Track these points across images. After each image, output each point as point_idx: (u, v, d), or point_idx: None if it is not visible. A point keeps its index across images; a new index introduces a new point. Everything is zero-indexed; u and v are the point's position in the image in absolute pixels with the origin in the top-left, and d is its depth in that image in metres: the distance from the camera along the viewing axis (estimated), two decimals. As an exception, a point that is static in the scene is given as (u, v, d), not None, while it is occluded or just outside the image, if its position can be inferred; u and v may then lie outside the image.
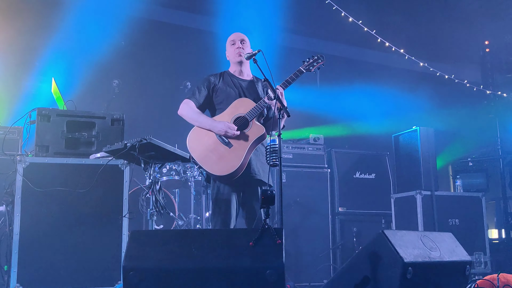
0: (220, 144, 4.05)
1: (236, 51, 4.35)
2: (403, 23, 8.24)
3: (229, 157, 4.01)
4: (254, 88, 4.36)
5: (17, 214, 4.06)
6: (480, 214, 6.52)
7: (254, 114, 4.12)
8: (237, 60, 4.37)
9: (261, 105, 4.13)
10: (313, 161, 6.94)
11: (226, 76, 4.38)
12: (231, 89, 4.28)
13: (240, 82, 4.35)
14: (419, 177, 6.44)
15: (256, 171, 4.12)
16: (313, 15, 8.31)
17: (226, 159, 4.00)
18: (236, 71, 4.41)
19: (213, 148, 4.04)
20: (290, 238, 6.43)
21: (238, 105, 4.19)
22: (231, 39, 4.44)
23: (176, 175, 6.69)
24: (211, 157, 4.02)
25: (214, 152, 4.03)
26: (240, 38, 4.42)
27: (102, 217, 4.22)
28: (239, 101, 4.22)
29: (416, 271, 3.11)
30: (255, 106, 4.13)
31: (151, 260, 2.71)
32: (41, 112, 4.35)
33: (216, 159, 4.01)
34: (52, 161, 4.23)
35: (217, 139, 4.07)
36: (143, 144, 3.63)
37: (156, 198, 3.79)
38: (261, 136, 4.10)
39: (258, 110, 4.13)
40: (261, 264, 2.64)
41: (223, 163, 3.99)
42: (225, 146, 4.04)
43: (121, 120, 4.54)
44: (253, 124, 4.12)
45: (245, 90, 4.32)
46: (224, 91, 4.27)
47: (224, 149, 4.04)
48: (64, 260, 4.09)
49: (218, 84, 4.30)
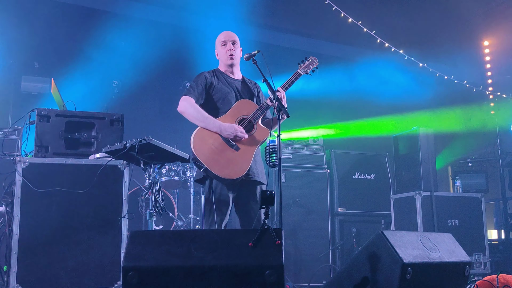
0: (227, 147, 3.97)
1: (228, 53, 4.28)
2: (402, 23, 8.24)
3: (238, 160, 3.95)
4: (247, 88, 4.34)
5: (17, 215, 4.05)
6: (480, 214, 6.52)
7: (258, 116, 4.08)
8: (229, 63, 4.31)
9: (265, 107, 4.09)
10: (312, 161, 6.94)
11: (219, 75, 4.32)
12: (227, 89, 4.24)
13: (234, 82, 4.32)
14: (418, 178, 6.44)
15: (251, 172, 4.09)
16: (312, 15, 8.31)
17: (235, 163, 3.94)
18: (227, 71, 4.35)
19: (220, 151, 3.95)
20: (290, 238, 6.44)
21: (240, 107, 4.15)
22: (221, 39, 4.34)
23: (176, 176, 6.69)
24: (219, 160, 3.93)
25: (221, 155, 3.94)
26: (232, 39, 4.32)
27: (101, 218, 4.21)
28: (241, 103, 4.18)
29: (416, 271, 3.11)
30: (259, 108, 4.09)
31: (150, 260, 2.71)
32: (40, 112, 4.34)
33: (224, 163, 3.93)
34: (51, 162, 4.23)
35: (223, 142, 3.98)
36: (143, 145, 3.63)
37: (156, 198, 3.79)
38: (267, 139, 4.07)
39: (262, 112, 4.10)
40: (260, 264, 2.64)
41: (232, 166, 3.93)
42: (232, 149, 3.97)
43: (121, 120, 4.53)
44: (258, 126, 4.09)
45: (240, 90, 4.29)
46: (221, 89, 4.22)
47: (231, 152, 3.96)
48: (64, 260, 4.08)
49: (214, 82, 4.24)
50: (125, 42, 8.09)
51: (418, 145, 6.53)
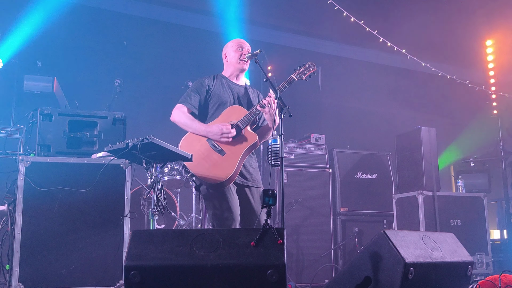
0: (212, 152, 4.02)
1: (242, 57, 4.27)
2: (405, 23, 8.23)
3: (222, 164, 3.98)
4: (248, 96, 4.35)
5: (19, 214, 4.06)
6: (482, 214, 6.52)
7: (246, 122, 4.09)
8: (241, 67, 4.31)
9: (253, 113, 4.10)
10: (314, 161, 6.94)
11: (222, 80, 4.33)
12: (226, 94, 4.25)
13: (236, 87, 4.33)
14: (421, 177, 6.43)
15: (246, 177, 4.13)
16: (314, 14, 8.31)
17: (219, 167, 3.97)
18: (232, 76, 4.36)
19: (206, 156, 4.01)
20: (292, 238, 6.44)
21: (230, 113, 4.17)
22: (237, 44, 4.34)
23: (178, 175, 6.67)
24: (204, 164, 3.99)
25: (206, 160, 4.00)
26: (247, 46, 4.34)
27: (103, 217, 4.22)
28: (231, 109, 4.20)
29: (418, 271, 3.11)
30: (248, 113, 4.10)
31: (152, 259, 2.71)
32: (43, 111, 4.35)
33: (208, 166, 3.98)
34: (54, 161, 4.24)
35: (209, 147, 4.03)
36: (145, 144, 3.62)
37: (158, 197, 3.79)
38: (254, 143, 4.08)
39: (251, 118, 4.10)
40: (262, 263, 2.64)
41: (216, 170, 3.96)
42: (218, 153, 4.01)
43: (123, 119, 4.54)
44: (246, 131, 4.10)
45: (240, 97, 4.30)
46: (219, 95, 4.23)
47: (217, 157, 4.01)
48: (66, 259, 4.09)
49: (212, 87, 4.25)
50: (128, 41, 8.11)
51: (420, 144, 6.51)
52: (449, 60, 9.35)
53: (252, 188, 4.15)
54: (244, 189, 4.13)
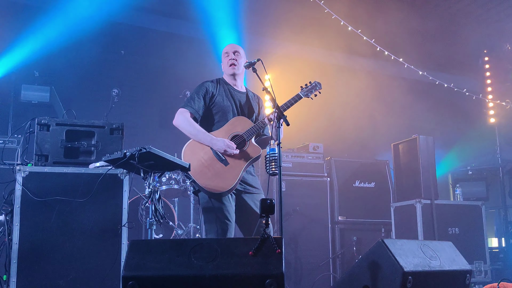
0: (216, 161, 4.03)
1: (229, 62, 4.31)
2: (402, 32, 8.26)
3: (225, 175, 4.00)
4: (249, 103, 4.36)
5: (16, 224, 4.05)
6: (480, 222, 6.51)
7: (252, 134, 4.12)
8: (230, 72, 4.34)
9: (259, 126, 4.13)
10: (312, 170, 6.94)
11: (223, 86, 4.34)
12: (228, 102, 4.26)
13: (237, 95, 4.34)
14: (418, 186, 6.42)
15: (248, 186, 4.14)
16: (312, 24, 8.34)
17: (222, 177, 3.99)
18: (231, 82, 4.39)
19: (209, 164, 4.03)
20: (290, 247, 6.43)
21: (235, 123, 4.19)
22: (224, 51, 4.41)
23: (176, 184, 6.68)
24: (206, 173, 4.01)
25: (209, 168, 4.02)
26: (234, 49, 4.37)
27: (101, 227, 4.20)
28: (236, 119, 4.22)
29: (416, 280, 3.10)
30: (254, 126, 4.13)
31: (150, 269, 2.71)
32: (40, 121, 4.35)
33: (211, 176, 4.00)
34: (51, 170, 4.22)
35: (213, 155, 4.05)
36: (143, 153, 3.62)
37: (156, 207, 3.78)
38: (257, 157, 4.11)
39: (256, 131, 4.13)
40: (261, 273, 2.63)
41: (218, 180, 3.98)
42: (221, 163, 4.03)
43: (121, 129, 4.53)
44: (250, 144, 4.12)
45: (243, 104, 4.31)
46: (221, 103, 4.24)
47: (220, 167, 4.02)
48: (63, 269, 4.07)
49: (215, 93, 4.26)
50: (125, 50, 8.12)
51: (418, 153, 6.52)
52: (446, 69, 9.38)
53: (254, 194, 4.16)
54: (241, 195, 4.14)
